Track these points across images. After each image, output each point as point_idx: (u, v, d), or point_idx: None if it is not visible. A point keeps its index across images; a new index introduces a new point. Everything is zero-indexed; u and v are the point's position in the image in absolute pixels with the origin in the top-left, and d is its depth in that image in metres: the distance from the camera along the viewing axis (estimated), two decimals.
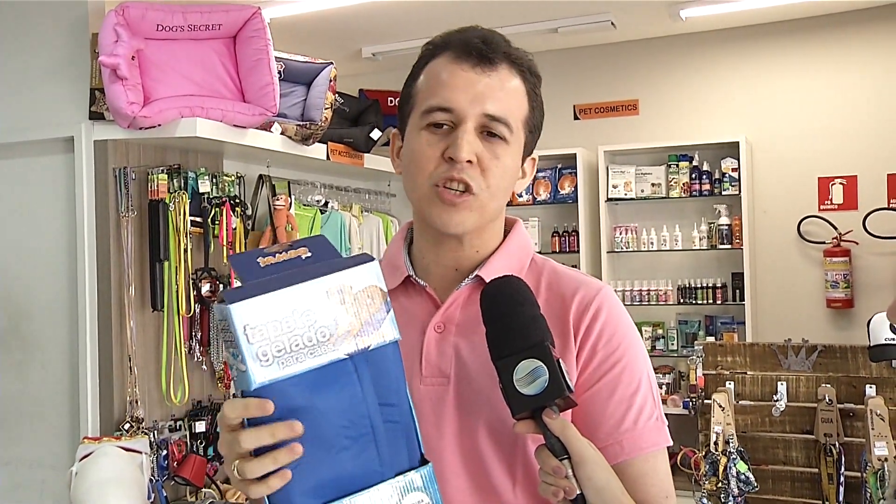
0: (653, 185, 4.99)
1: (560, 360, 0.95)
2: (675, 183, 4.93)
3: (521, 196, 4.84)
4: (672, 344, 4.98)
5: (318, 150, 3.44)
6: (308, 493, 0.81)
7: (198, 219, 2.97)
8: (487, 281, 1.08)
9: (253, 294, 0.79)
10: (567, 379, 0.94)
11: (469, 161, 1.04)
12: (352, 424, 0.83)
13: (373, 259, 0.86)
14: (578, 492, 0.93)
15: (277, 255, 0.85)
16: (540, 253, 1.27)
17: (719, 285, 4.86)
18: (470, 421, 1.06)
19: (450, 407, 1.07)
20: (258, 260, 0.85)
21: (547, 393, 0.93)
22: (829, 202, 4.79)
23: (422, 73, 1.11)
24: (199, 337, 3.00)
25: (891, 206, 4.65)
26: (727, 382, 3.04)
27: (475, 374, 1.06)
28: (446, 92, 1.06)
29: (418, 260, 1.16)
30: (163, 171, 2.88)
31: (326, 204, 3.89)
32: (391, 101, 4.84)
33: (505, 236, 1.17)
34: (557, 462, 0.93)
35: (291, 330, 0.80)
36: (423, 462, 0.89)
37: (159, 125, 2.69)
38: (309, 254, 0.86)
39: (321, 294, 0.82)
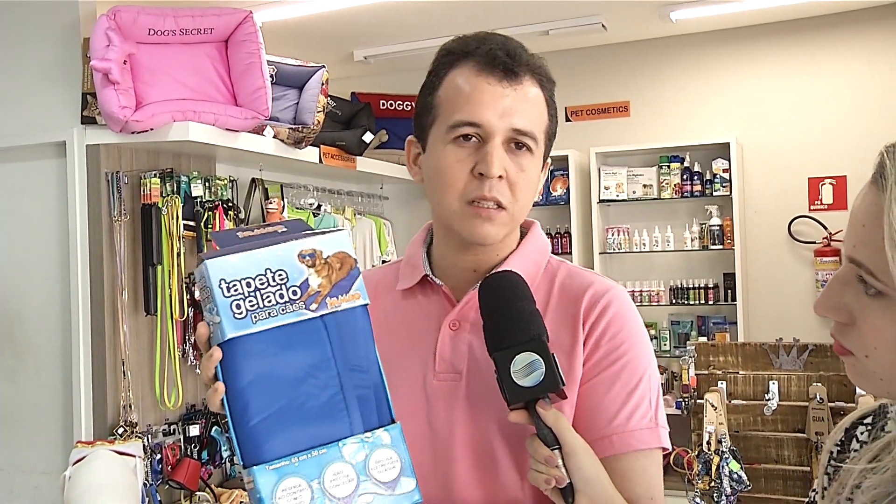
0: (644, 186, 5.00)
1: (554, 355, 0.98)
2: (667, 184, 4.95)
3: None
4: (664, 344, 4.99)
5: (310, 154, 3.45)
6: (277, 446, 0.85)
7: (191, 222, 2.97)
8: None
9: (228, 253, 0.87)
10: (560, 373, 0.98)
11: (500, 176, 1.07)
12: (321, 382, 0.88)
13: (343, 230, 0.93)
14: (568, 481, 0.96)
15: (256, 230, 0.93)
16: None
17: (711, 286, 4.88)
18: (480, 416, 1.08)
19: (461, 402, 1.09)
20: (237, 234, 0.92)
21: (543, 385, 0.97)
22: (819, 202, 4.82)
23: (442, 83, 1.11)
24: (192, 341, 3.00)
25: None
26: (719, 382, 3.05)
27: (487, 370, 1.08)
28: (473, 107, 1.07)
29: (437, 261, 1.18)
30: (155, 175, 2.88)
31: (319, 207, 3.90)
32: (383, 104, 4.86)
33: (522, 237, 1.20)
34: (549, 451, 0.97)
35: (264, 287, 0.86)
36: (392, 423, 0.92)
37: (151, 129, 2.69)
38: (284, 229, 0.93)
39: (293, 256, 0.88)
